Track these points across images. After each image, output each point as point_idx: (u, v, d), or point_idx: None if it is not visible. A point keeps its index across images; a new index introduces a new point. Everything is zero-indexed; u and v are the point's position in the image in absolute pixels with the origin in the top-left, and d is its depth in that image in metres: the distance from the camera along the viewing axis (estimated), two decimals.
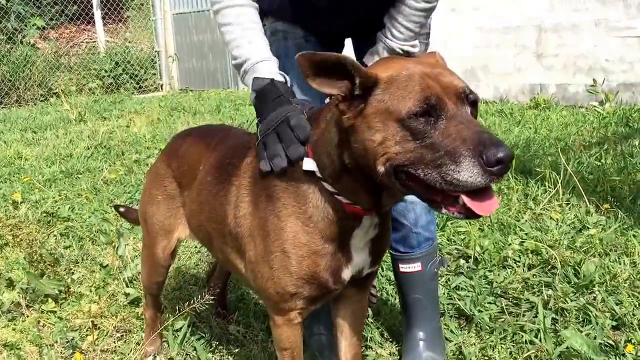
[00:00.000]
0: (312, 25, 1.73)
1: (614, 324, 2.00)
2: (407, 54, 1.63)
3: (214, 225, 1.53)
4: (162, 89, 10.08)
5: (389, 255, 1.92)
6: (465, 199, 1.06)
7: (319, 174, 1.27)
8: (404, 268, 1.83)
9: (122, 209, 2.19)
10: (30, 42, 9.69)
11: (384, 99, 1.12)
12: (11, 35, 9.49)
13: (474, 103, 1.14)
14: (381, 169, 1.12)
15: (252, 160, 1.42)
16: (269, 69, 1.48)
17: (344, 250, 1.32)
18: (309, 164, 1.28)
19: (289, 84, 1.50)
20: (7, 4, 9.36)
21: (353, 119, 1.14)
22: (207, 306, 2.15)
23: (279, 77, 1.46)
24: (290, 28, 1.76)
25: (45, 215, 3.50)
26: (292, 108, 1.35)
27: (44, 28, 10.05)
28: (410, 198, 1.76)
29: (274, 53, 1.81)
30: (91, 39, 10.70)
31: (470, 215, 1.08)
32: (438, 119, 1.08)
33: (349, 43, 1.89)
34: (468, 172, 1.02)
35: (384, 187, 1.19)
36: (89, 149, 5.37)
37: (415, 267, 1.81)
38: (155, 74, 10.19)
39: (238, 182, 1.42)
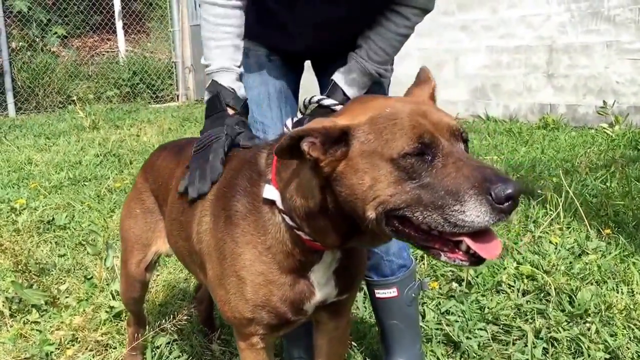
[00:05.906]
0: (277, 42, 1.71)
1: (607, 356, 1.92)
2: (380, 77, 1.62)
3: (182, 242, 1.51)
4: (177, 99, 10.17)
5: None
6: (469, 242, 0.97)
7: (280, 206, 1.21)
8: (380, 293, 1.78)
9: None
10: (50, 50, 9.87)
11: (368, 139, 1.03)
12: (32, 43, 9.69)
13: (465, 140, 1.07)
14: (371, 214, 1.02)
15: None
16: (226, 78, 1.47)
17: (304, 282, 1.27)
18: (269, 193, 1.22)
19: (239, 93, 1.52)
20: (28, 12, 9.56)
21: (335, 163, 1.05)
22: (189, 322, 2.12)
23: (229, 88, 1.49)
24: (253, 45, 1.74)
25: (41, 222, 3.48)
26: (220, 133, 1.41)
27: (65, 37, 10.23)
28: None
29: None
30: (112, 49, 10.89)
31: (476, 261, 0.98)
32: (434, 157, 0.99)
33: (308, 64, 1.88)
34: (475, 211, 0.93)
35: (370, 232, 1.09)
36: (98, 156, 5.40)
37: (391, 292, 1.76)
38: (171, 84, 10.28)
39: (203, 197, 1.40)
